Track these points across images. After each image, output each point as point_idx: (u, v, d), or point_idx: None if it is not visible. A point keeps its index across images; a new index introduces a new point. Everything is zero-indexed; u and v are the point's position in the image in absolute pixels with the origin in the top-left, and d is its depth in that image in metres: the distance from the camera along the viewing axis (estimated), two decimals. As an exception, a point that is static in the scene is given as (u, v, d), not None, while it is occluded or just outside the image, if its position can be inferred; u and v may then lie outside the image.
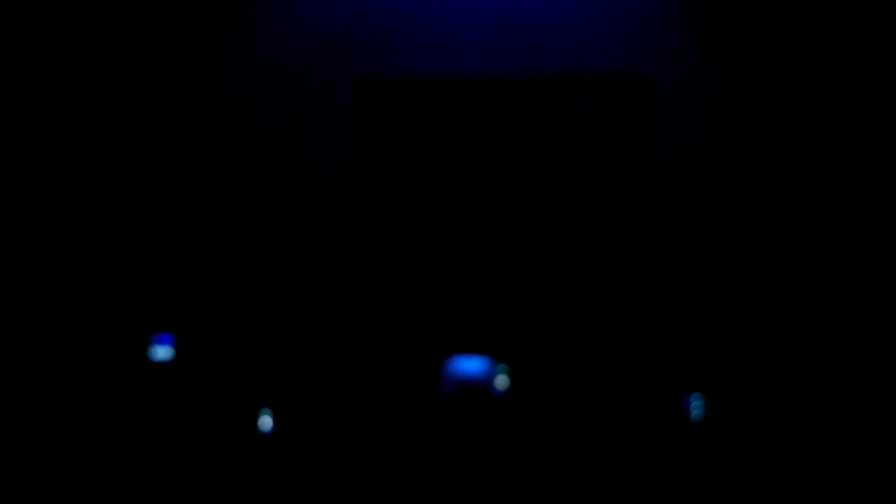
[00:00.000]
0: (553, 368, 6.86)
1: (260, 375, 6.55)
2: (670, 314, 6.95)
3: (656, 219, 7.01)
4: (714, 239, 7.02)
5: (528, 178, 7.11)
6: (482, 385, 6.47)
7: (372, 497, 6.03)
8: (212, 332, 6.55)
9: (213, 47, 7.09)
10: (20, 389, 6.27)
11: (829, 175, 7.02)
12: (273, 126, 7.03)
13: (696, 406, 6.76)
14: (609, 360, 6.87)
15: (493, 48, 7.11)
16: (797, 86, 7.07)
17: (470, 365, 6.56)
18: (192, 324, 6.52)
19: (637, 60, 7.06)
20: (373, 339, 6.85)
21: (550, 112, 7.12)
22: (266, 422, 6.21)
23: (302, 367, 6.71)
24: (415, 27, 7.09)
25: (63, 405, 6.24)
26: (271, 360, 6.65)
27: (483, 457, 5.85)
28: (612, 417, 6.77)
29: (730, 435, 6.75)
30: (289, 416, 6.50)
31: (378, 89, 7.04)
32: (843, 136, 7.03)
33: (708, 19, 7.09)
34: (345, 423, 6.63)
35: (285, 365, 6.68)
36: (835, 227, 6.97)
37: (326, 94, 7.08)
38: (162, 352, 6.22)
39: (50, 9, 6.98)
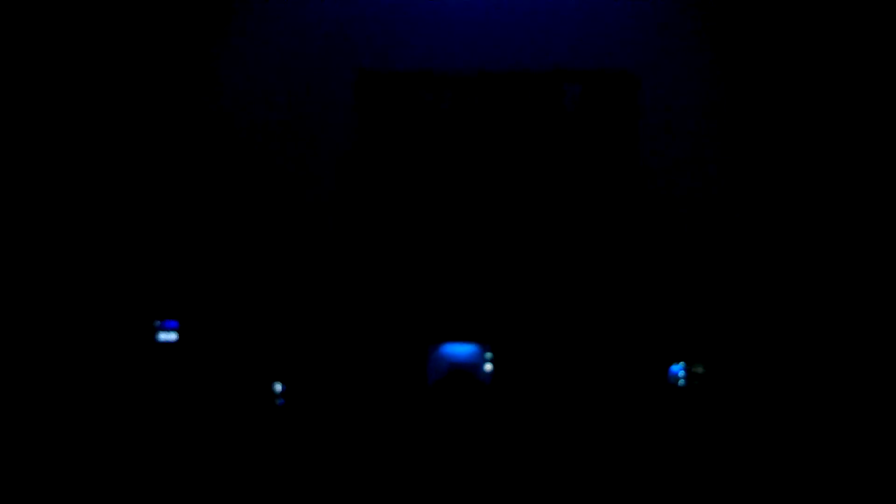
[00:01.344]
0: (541, 351, 7.12)
1: (261, 358, 6.89)
2: (653, 292, 7.24)
3: (642, 208, 7.31)
4: (696, 228, 7.32)
5: (520, 168, 7.38)
6: (471, 369, 6.82)
7: (369, 475, 6.31)
8: (214, 318, 6.92)
9: (214, 46, 7.39)
10: (45, 369, 6.71)
11: (803, 169, 7.32)
12: (277, 119, 7.33)
13: (679, 375, 7.03)
14: (595, 334, 7.13)
15: (488, 45, 7.38)
16: (781, 83, 7.35)
17: (459, 350, 6.90)
18: (196, 311, 6.90)
19: (627, 58, 7.36)
20: (368, 325, 7.15)
21: (543, 105, 7.39)
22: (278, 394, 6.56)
23: (303, 349, 7.04)
24: (414, 24, 7.36)
25: (82, 383, 6.69)
26: (273, 344, 6.98)
27: (473, 435, 6.13)
28: (598, 390, 6.99)
29: (712, 401, 7.01)
30: (291, 394, 6.82)
31: (377, 82, 7.31)
32: (819, 131, 7.33)
33: (697, 20, 7.37)
34: (341, 402, 6.91)
35: (287, 348, 7.00)
36: (810, 219, 7.28)
37: (329, 87, 7.36)
38: (168, 335, 6.67)
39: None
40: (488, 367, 6.89)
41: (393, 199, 7.28)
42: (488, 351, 6.92)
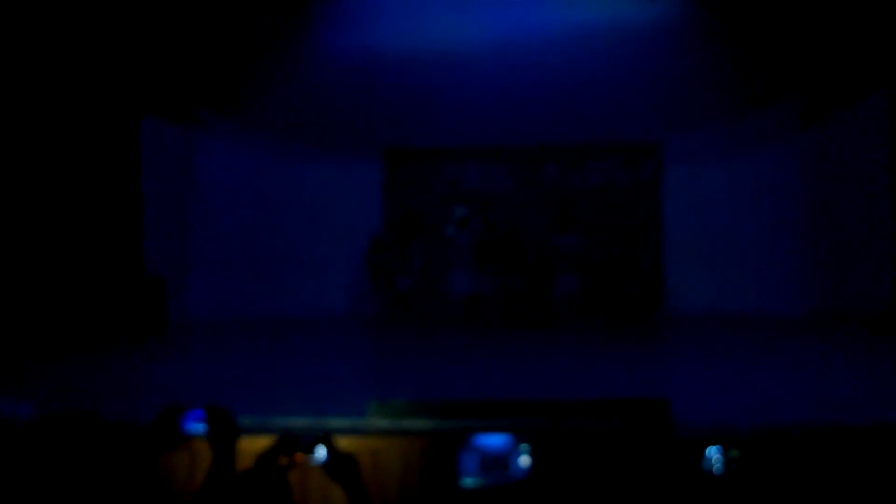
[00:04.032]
0: (575, 439, 6.94)
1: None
2: (683, 367, 7.10)
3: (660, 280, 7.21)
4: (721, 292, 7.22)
5: (548, 236, 7.31)
6: (504, 461, 6.57)
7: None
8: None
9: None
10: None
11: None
12: (309, 193, 7.28)
13: (716, 460, 6.82)
14: (626, 419, 6.96)
15: (510, 122, 7.35)
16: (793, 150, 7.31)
17: (492, 441, 6.65)
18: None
19: (647, 130, 7.35)
20: (395, 410, 6.97)
21: (568, 177, 7.37)
22: None
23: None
24: (447, 102, 7.35)
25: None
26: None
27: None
28: (635, 479, 6.81)
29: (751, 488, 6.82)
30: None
31: (402, 158, 7.31)
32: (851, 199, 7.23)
33: (712, 93, 7.37)
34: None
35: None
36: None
37: (359, 161, 7.34)
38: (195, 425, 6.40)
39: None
40: (524, 459, 6.66)
41: (418, 274, 7.20)
42: (523, 442, 6.67)
